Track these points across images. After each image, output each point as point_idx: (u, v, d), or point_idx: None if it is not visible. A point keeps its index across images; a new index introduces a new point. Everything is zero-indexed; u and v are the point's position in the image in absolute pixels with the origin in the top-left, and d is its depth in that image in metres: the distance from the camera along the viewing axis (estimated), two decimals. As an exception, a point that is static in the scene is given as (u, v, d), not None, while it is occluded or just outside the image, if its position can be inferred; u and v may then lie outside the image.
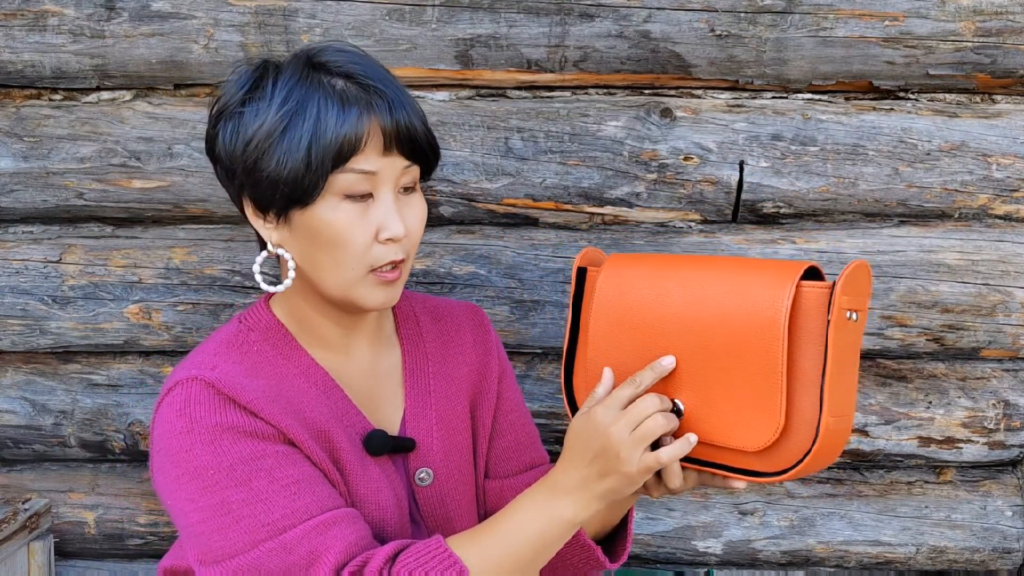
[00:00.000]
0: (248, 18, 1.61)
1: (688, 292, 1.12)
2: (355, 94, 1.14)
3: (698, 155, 1.67)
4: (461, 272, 1.71)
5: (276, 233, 1.19)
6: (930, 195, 1.68)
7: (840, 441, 1.07)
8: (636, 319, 1.15)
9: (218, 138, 1.19)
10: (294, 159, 1.12)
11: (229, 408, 1.14)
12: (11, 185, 1.68)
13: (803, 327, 1.05)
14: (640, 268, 1.18)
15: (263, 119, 1.14)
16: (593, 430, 1.10)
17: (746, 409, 1.07)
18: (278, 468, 1.13)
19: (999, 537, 1.81)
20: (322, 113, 1.12)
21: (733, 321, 1.07)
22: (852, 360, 1.08)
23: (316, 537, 1.11)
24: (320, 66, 1.17)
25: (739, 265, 1.12)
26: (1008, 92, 1.68)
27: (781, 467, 1.07)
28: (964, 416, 1.77)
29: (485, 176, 1.67)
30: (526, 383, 1.76)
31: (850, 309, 1.05)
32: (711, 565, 1.85)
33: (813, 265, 1.09)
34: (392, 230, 1.16)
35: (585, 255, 1.24)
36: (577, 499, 1.11)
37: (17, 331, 1.73)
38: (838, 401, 1.05)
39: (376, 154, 1.14)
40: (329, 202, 1.14)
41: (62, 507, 1.81)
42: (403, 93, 1.18)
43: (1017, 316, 1.71)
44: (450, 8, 1.60)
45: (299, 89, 1.14)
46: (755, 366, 1.06)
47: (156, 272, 1.71)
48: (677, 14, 1.60)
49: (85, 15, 1.61)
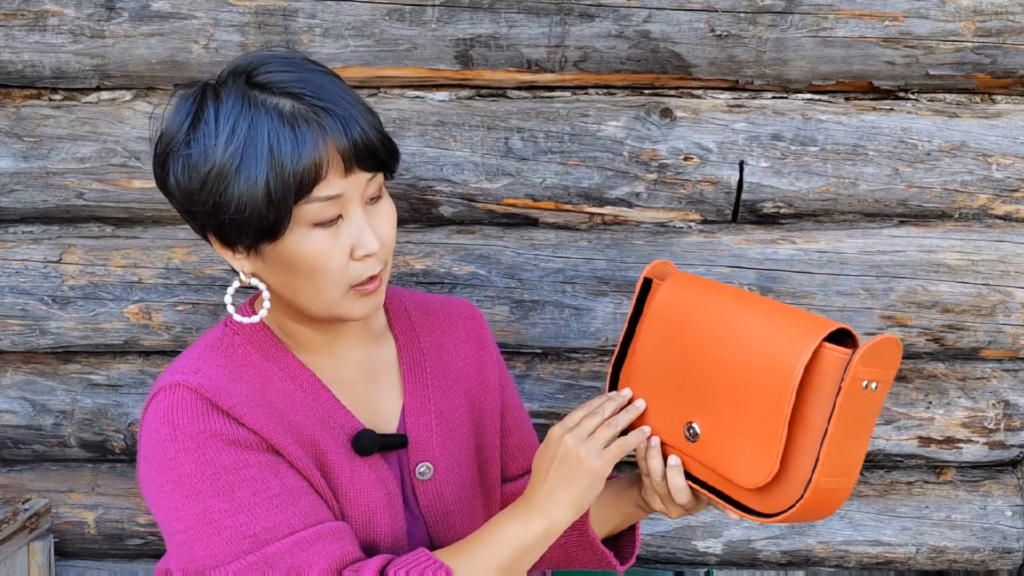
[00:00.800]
0: (248, 18, 1.61)
1: (728, 326, 1.16)
2: (305, 116, 1.08)
3: (698, 155, 1.67)
4: (461, 272, 1.71)
5: (248, 263, 1.16)
6: (930, 195, 1.68)
7: (835, 500, 1.11)
8: (679, 340, 1.20)
9: (168, 179, 1.13)
10: (254, 198, 1.07)
11: (212, 415, 1.13)
12: (11, 185, 1.68)
13: (818, 387, 1.08)
14: (697, 292, 1.22)
15: (213, 159, 1.08)
16: (551, 444, 1.19)
17: (749, 447, 1.12)
18: (261, 479, 1.12)
19: (999, 537, 1.81)
20: (275, 145, 1.06)
21: (756, 363, 1.12)
22: (865, 425, 1.11)
23: (299, 553, 1.10)
24: (261, 87, 1.10)
25: (778, 311, 1.16)
26: (1008, 92, 1.68)
27: (771, 510, 1.12)
28: (964, 416, 1.77)
29: (485, 176, 1.67)
30: (526, 383, 1.76)
31: (869, 380, 1.07)
32: (711, 565, 1.85)
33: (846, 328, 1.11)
34: (368, 247, 1.13)
35: (655, 267, 1.28)
36: (549, 511, 1.16)
37: (17, 331, 1.73)
38: (837, 462, 1.08)
39: (338, 177, 1.10)
40: (298, 232, 1.10)
41: (62, 507, 1.81)
42: (353, 104, 1.12)
43: (1017, 316, 1.71)
44: (450, 8, 1.60)
45: (245, 118, 1.08)
46: (765, 410, 1.10)
47: (156, 272, 1.71)
48: (677, 14, 1.60)
49: (85, 15, 1.61)
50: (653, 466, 1.21)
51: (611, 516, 1.35)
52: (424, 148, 1.66)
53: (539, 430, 1.45)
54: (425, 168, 1.67)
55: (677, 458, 1.20)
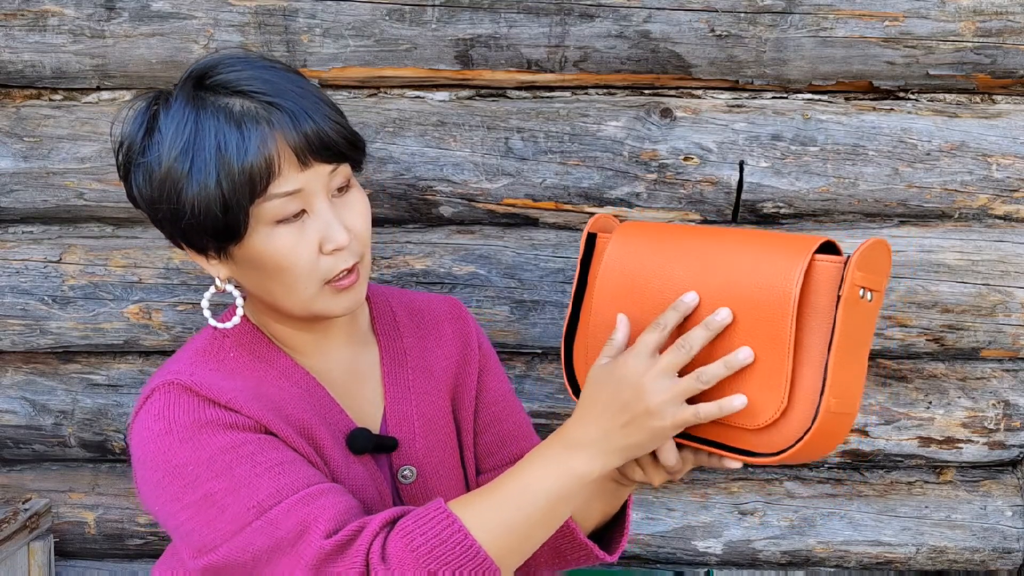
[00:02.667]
0: (248, 18, 1.61)
1: (698, 262, 1.07)
2: (253, 113, 1.07)
3: (698, 155, 1.67)
4: (461, 272, 1.71)
5: (223, 268, 1.16)
6: (930, 195, 1.68)
7: (841, 428, 1.03)
8: (643, 287, 1.10)
9: (132, 190, 1.13)
10: (208, 200, 1.06)
11: (207, 406, 1.12)
12: (11, 185, 1.68)
13: (813, 303, 1.00)
14: (650, 236, 1.13)
15: (166, 164, 1.07)
16: (622, 380, 1.03)
17: (750, 385, 1.02)
18: (259, 453, 1.10)
19: (999, 537, 1.81)
20: (222, 144, 1.05)
21: (743, 293, 1.03)
22: (863, 342, 1.03)
23: (303, 507, 1.07)
24: (211, 88, 1.10)
25: (751, 237, 1.08)
26: (1008, 92, 1.68)
27: (777, 448, 1.02)
28: (964, 416, 1.77)
29: (485, 176, 1.67)
30: (526, 383, 1.76)
31: (864, 287, 1.00)
32: (711, 565, 1.85)
33: (830, 240, 1.04)
34: (335, 240, 1.11)
35: (596, 221, 1.20)
36: (595, 453, 1.04)
37: (17, 331, 1.73)
38: (842, 383, 1.00)
39: (295, 171, 1.08)
40: (261, 232, 1.09)
41: (62, 507, 1.81)
42: (306, 97, 1.11)
43: (1017, 316, 1.71)
44: (450, 8, 1.60)
45: (191, 120, 1.07)
46: (762, 341, 1.02)
47: (156, 272, 1.71)
48: (677, 14, 1.60)
49: (85, 15, 1.61)
50: None
51: (591, 495, 1.24)
52: (424, 148, 1.66)
53: (539, 430, 1.45)
54: (425, 168, 1.67)
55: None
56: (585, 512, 1.26)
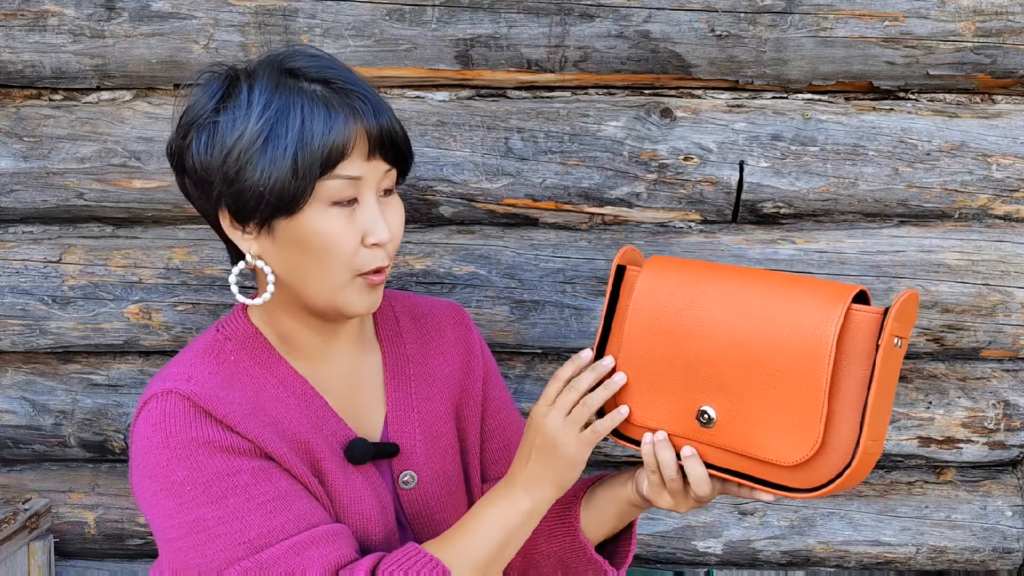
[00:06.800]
0: (248, 18, 1.61)
1: (732, 302, 1.13)
2: (338, 99, 1.13)
3: (698, 155, 1.67)
4: (461, 272, 1.71)
5: (256, 244, 1.17)
6: (930, 195, 1.68)
7: (871, 463, 1.10)
8: (674, 324, 1.16)
9: (190, 149, 1.15)
10: (280, 168, 1.10)
11: (204, 422, 1.14)
12: (11, 185, 1.68)
13: (850, 350, 1.07)
14: (682, 273, 1.18)
15: (242, 128, 1.11)
16: (531, 427, 1.19)
17: (783, 423, 1.09)
18: (254, 485, 1.13)
19: (999, 537, 1.81)
20: (307, 120, 1.11)
21: (778, 335, 1.09)
22: (892, 385, 1.10)
23: (294, 557, 1.11)
24: (294, 72, 1.15)
25: (785, 281, 1.14)
26: (1008, 92, 1.68)
27: (814, 484, 1.09)
28: (964, 416, 1.77)
29: (485, 176, 1.67)
30: (526, 383, 1.76)
31: (898, 336, 1.08)
32: (711, 565, 1.85)
33: (863, 289, 1.11)
34: (378, 235, 1.15)
35: (624, 254, 1.24)
36: (533, 490, 1.18)
37: (17, 331, 1.73)
38: (877, 425, 1.08)
39: (361, 159, 1.14)
40: (316, 209, 1.13)
41: (62, 507, 1.81)
42: (380, 97, 1.18)
43: (1017, 316, 1.71)
44: (450, 8, 1.60)
45: (279, 96, 1.12)
46: (797, 382, 1.08)
47: (156, 272, 1.71)
48: (677, 14, 1.60)
49: (85, 15, 1.61)
50: (664, 460, 1.16)
51: (607, 518, 1.31)
52: (424, 148, 1.66)
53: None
54: (425, 168, 1.67)
55: (691, 448, 1.14)
56: (597, 529, 1.31)
